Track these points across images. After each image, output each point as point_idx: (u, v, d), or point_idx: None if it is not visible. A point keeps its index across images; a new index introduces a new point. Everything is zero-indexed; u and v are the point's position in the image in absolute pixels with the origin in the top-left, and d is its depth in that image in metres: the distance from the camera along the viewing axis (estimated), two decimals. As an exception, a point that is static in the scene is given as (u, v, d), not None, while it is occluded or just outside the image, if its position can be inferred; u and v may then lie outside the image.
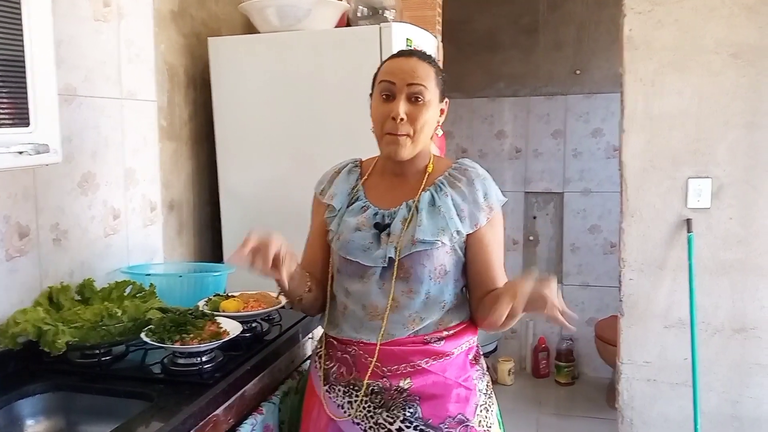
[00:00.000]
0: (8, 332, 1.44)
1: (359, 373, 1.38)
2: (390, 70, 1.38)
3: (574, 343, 3.99)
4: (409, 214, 1.38)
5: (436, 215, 1.36)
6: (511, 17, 4.03)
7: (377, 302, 1.37)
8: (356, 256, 1.38)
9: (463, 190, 1.38)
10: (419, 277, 1.35)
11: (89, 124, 1.75)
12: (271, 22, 2.15)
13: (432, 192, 1.39)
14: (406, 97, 1.34)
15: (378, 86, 1.39)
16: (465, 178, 1.40)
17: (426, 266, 1.35)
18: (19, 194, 1.52)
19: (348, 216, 1.43)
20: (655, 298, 2.47)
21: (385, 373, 1.36)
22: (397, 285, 1.36)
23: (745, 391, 2.42)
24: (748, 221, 2.37)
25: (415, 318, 1.36)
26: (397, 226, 1.37)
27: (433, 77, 1.37)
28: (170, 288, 1.78)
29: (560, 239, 4.07)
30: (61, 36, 1.62)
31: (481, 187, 1.39)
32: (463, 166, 1.42)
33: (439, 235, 1.34)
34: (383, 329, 1.36)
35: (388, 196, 1.43)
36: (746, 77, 2.32)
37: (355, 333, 1.39)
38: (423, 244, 1.33)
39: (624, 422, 2.55)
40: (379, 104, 1.37)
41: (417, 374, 1.36)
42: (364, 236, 1.39)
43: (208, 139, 2.28)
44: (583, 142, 3.97)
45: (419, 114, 1.34)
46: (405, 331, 1.36)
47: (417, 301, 1.36)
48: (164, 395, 1.33)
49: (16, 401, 1.37)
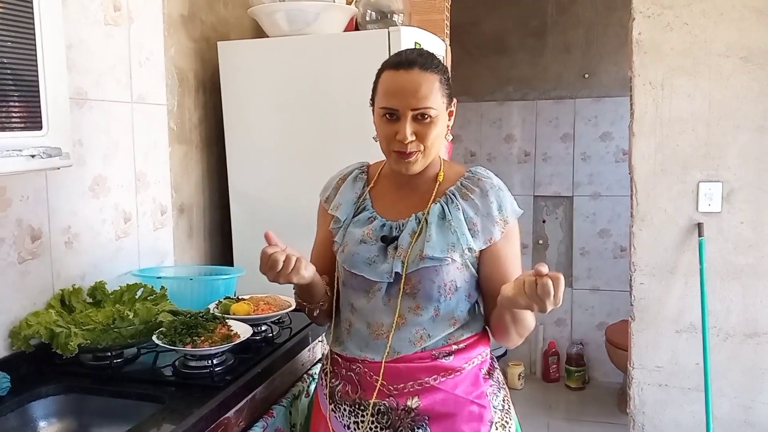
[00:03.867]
0: (21, 334, 1.45)
1: (365, 392, 1.32)
2: (390, 91, 1.26)
3: (584, 347, 3.97)
4: (419, 227, 1.30)
5: (446, 230, 1.28)
6: (520, 20, 4.02)
7: (382, 320, 1.31)
8: (361, 270, 1.32)
9: (475, 202, 1.30)
10: (428, 293, 1.29)
11: (100, 128, 1.76)
12: (280, 26, 2.16)
13: (442, 204, 1.31)
14: (411, 118, 1.25)
15: (379, 109, 1.29)
16: (478, 189, 1.31)
17: (435, 282, 1.28)
18: (31, 197, 1.53)
19: (353, 227, 1.37)
20: (666, 302, 2.45)
21: (392, 392, 1.29)
22: (404, 301, 1.29)
23: (758, 396, 2.40)
24: (760, 225, 2.35)
25: (423, 335, 1.30)
26: (405, 239, 1.30)
27: (438, 88, 1.26)
28: (181, 291, 1.78)
29: (570, 243, 4.05)
30: (72, 40, 1.63)
31: (496, 198, 1.30)
32: (477, 176, 1.34)
33: (449, 251, 1.27)
34: (388, 347, 1.29)
35: (396, 207, 1.36)
36: (757, 81, 2.31)
37: (360, 351, 1.33)
38: (432, 260, 1.26)
39: (635, 427, 2.53)
40: (382, 123, 1.29)
41: (425, 392, 1.29)
42: (370, 249, 1.32)
43: (217, 142, 2.29)
44: (592, 145, 3.96)
45: (428, 131, 1.26)
46: (412, 347, 1.29)
47: (425, 318, 1.30)
48: (175, 398, 1.33)
49: (29, 403, 1.37)
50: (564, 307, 4.05)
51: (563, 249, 4.07)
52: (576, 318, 4.06)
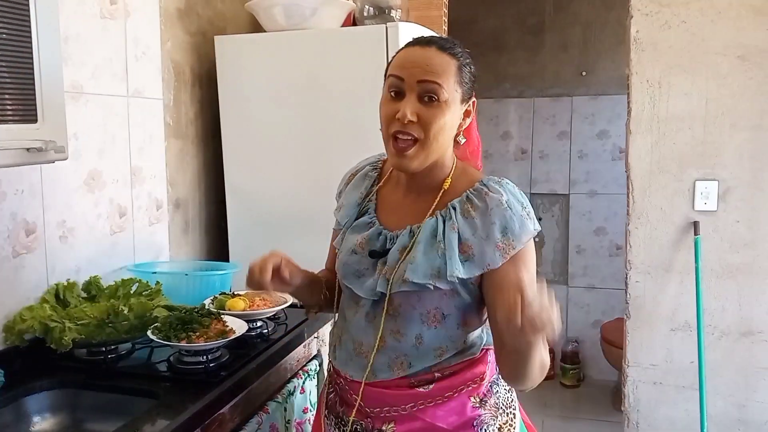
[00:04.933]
0: (15, 329, 1.44)
1: (347, 408, 1.26)
2: (401, 62, 1.16)
3: (579, 345, 3.98)
4: (410, 242, 1.17)
5: (433, 252, 1.14)
6: (518, 18, 4.02)
7: (363, 338, 1.22)
8: (350, 282, 1.23)
9: (475, 221, 1.14)
10: (408, 318, 1.17)
11: (96, 122, 1.75)
12: (277, 20, 2.15)
13: (438, 219, 1.17)
14: (417, 95, 1.13)
15: (387, 81, 1.18)
16: (482, 204, 1.15)
17: (416, 309, 1.17)
18: (26, 191, 1.52)
19: (351, 233, 1.27)
20: (661, 300, 2.46)
21: (369, 414, 1.22)
22: (387, 322, 1.19)
23: (752, 395, 2.40)
24: (755, 224, 2.35)
25: (403, 362, 1.19)
26: (394, 255, 1.17)
27: (454, 72, 1.14)
28: (176, 286, 1.78)
29: (566, 241, 4.06)
30: (69, 33, 1.62)
31: (500, 219, 1.13)
32: (486, 189, 1.17)
33: (432, 277, 1.12)
34: (369, 367, 1.20)
35: (397, 213, 1.24)
36: (753, 79, 2.31)
37: (344, 366, 1.26)
38: (413, 285, 1.13)
39: (630, 425, 2.54)
40: (386, 102, 1.16)
41: (402, 419, 1.19)
42: (360, 260, 1.22)
43: (214, 137, 2.28)
44: (589, 143, 3.96)
45: (432, 117, 1.12)
46: (390, 374, 1.19)
47: (405, 345, 1.18)
48: (170, 393, 1.33)
49: (23, 398, 1.36)
50: (559, 305, 4.05)
51: (559, 247, 4.08)
52: (571, 316, 4.06)
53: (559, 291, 4.07)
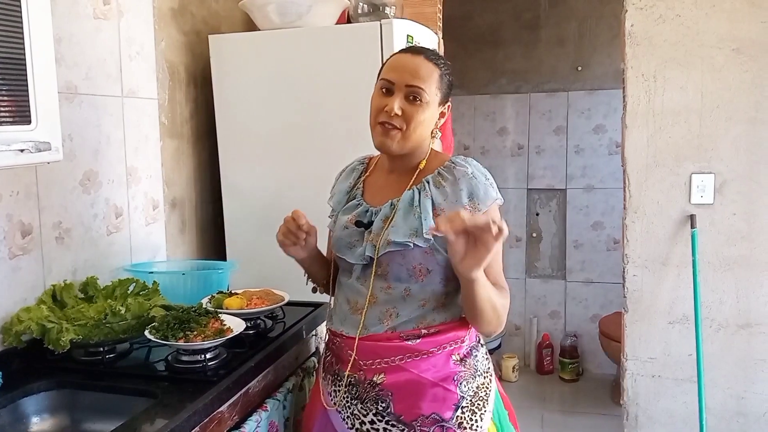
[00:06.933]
0: (12, 330, 1.44)
1: (342, 364, 1.42)
2: (393, 67, 1.38)
3: (578, 339, 3.99)
4: (392, 212, 1.38)
5: (411, 216, 1.35)
6: (513, 13, 4.02)
7: (357, 297, 1.41)
8: (343, 254, 1.43)
9: (446, 189, 1.36)
10: (397, 275, 1.37)
11: (90, 122, 1.75)
12: (271, 19, 2.15)
13: (414, 191, 1.38)
14: (404, 95, 1.35)
15: (379, 81, 1.40)
16: (452, 176, 1.37)
17: (403, 265, 1.36)
18: (21, 192, 1.52)
19: (342, 214, 1.47)
20: (659, 294, 2.46)
21: (362, 367, 1.38)
22: (377, 281, 1.38)
23: (750, 387, 2.41)
24: (752, 217, 2.36)
25: (392, 312, 1.37)
26: (378, 224, 1.38)
27: (436, 79, 1.36)
28: (173, 286, 1.78)
29: (563, 236, 4.06)
30: (62, 34, 1.62)
31: (466, 186, 1.35)
32: (454, 165, 1.39)
33: (411, 236, 1.33)
34: (361, 323, 1.38)
35: (380, 193, 1.45)
36: (749, 72, 2.31)
37: (340, 325, 1.43)
38: (396, 245, 1.34)
39: (629, 418, 2.55)
40: (377, 96, 1.39)
41: (391, 370, 1.36)
42: (351, 233, 1.42)
43: (209, 136, 2.28)
44: (585, 138, 3.96)
45: (415, 113, 1.34)
46: (381, 326, 1.37)
47: (395, 296, 1.37)
48: (168, 392, 1.33)
49: (21, 399, 1.36)
50: (558, 300, 4.07)
51: (557, 242, 4.08)
52: (570, 310, 4.07)
53: (558, 286, 4.07)
